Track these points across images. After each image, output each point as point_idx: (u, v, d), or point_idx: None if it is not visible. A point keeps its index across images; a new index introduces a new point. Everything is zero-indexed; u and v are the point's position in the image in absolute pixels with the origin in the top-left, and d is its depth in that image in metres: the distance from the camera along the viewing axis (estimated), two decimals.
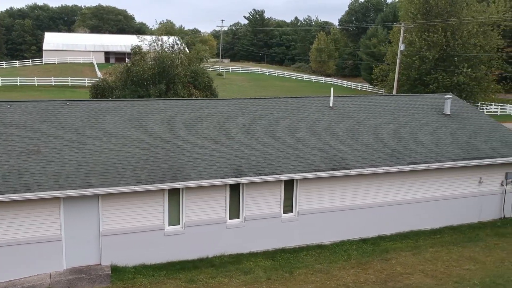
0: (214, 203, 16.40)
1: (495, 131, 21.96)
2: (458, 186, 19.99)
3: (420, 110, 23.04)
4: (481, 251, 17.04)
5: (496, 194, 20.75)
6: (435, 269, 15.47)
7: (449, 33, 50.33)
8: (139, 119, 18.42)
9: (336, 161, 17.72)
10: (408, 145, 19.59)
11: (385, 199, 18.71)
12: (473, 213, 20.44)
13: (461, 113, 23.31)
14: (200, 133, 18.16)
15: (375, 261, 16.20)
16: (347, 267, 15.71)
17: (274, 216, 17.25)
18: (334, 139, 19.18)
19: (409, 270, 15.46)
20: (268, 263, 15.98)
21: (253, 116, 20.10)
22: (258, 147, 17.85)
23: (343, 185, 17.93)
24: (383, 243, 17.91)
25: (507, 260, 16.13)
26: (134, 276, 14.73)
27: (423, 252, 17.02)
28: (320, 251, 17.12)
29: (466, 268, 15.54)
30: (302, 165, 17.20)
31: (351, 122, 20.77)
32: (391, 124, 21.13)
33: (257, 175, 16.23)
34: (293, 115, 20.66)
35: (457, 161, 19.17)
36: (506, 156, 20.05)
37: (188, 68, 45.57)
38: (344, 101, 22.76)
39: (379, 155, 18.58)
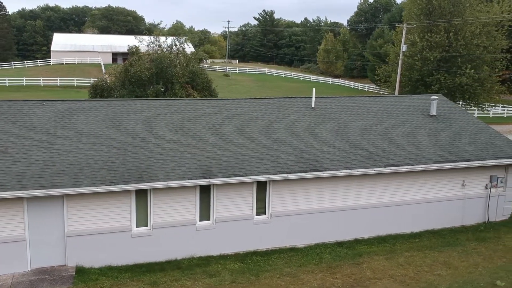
0: (184, 205, 16.21)
1: (481, 133, 21.47)
2: (440, 189, 19.56)
3: (406, 111, 22.62)
4: (457, 256, 16.62)
5: (480, 198, 20.27)
6: (405, 274, 15.10)
7: (451, 34, 49.63)
8: (113, 119, 18.30)
9: (310, 163, 17.42)
10: (388, 147, 19.22)
11: (362, 202, 18.36)
12: (455, 217, 19.99)
13: (448, 115, 22.84)
14: (174, 133, 17.98)
15: (346, 265, 15.87)
16: (316, 271, 15.40)
17: (246, 218, 17.00)
18: (311, 141, 18.87)
19: (379, 275, 15.11)
20: (236, 266, 15.74)
21: (231, 116, 19.88)
22: (232, 148, 17.62)
23: (317, 187, 17.62)
24: (359, 247, 17.57)
25: (481, 266, 15.70)
26: (98, 277, 14.59)
27: (398, 256, 16.64)
28: (292, 254, 16.83)
29: (437, 273, 15.15)
30: (274, 166, 16.93)
31: (331, 123, 20.45)
32: (373, 126, 20.76)
33: (226, 177, 16.01)
34: (272, 116, 20.40)
35: (438, 163, 18.74)
36: (490, 159, 19.57)
37: (186, 69, 45.50)
38: (327, 102, 22.43)
39: (355, 157, 18.23)
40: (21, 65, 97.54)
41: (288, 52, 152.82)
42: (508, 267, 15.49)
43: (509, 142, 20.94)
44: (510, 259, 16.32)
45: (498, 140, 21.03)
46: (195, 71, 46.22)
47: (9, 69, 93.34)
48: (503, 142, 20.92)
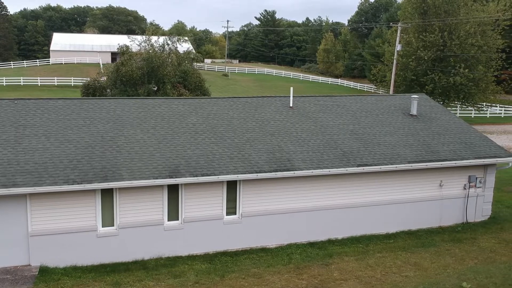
0: (151, 204, 16.05)
1: (461, 133, 21.21)
2: (417, 189, 19.32)
3: (386, 110, 22.38)
4: (429, 257, 16.37)
5: (459, 198, 20.02)
6: (373, 276, 14.87)
7: (446, 33, 49.30)
8: (85, 118, 18.16)
9: (281, 162, 17.22)
10: (363, 147, 18.99)
11: (335, 202, 18.15)
12: (433, 218, 19.74)
13: (429, 114, 22.58)
14: (145, 132, 17.82)
15: (315, 266, 15.66)
16: (283, 272, 15.20)
17: (216, 218, 16.82)
18: (285, 140, 18.67)
19: (346, 276, 14.89)
20: (204, 267, 15.56)
21: (206, 115, 19.71)
22: (203, 147, 17.44)
23: (289, 187, 17.42)
24: (331, 247, 17.35)
25: (451, 267, 15.45)
26: (60, 277, 14.44)
27: (369, 257, 16.41)
28: (262, 255, 16.63)
29: (405, 275, 14.91)
30: (244, 166, 16.74)
31: (308, 123, 20.24)
32: (350, 125, 20.54)
33: (194, 176, 15.83)
34: (249, 115, 20.21)
35: (413, 163, 18.49)
36: (467, 159, 19.31)
37: (177, 68, 45.38)
38: (306, 101, 22.23)
39: (329, 156, 18.02)
40: (20, 65, 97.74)
41: (289, 52, 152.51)
42: (478, 269, 15.24)
43: (488, 142, 20.67)
44: (482, 260, 16.06)
45: (478, 140, 20.76)
46: (187, 71, 46.11)
47: (8, 69, 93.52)
48: (483, 142, 20.65)
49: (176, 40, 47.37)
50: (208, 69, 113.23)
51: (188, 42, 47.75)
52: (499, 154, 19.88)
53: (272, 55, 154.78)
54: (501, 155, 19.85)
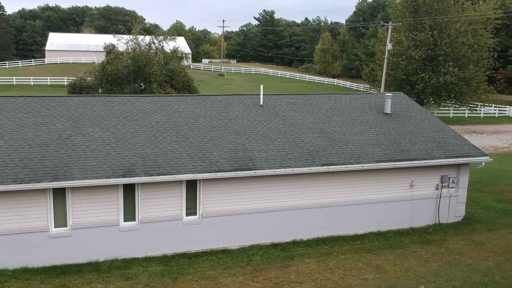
0: (106, 204, 15.61)
1: (435, 132, 20.71)
2: (387, 189, 18.84)
3: (360, 109, 21.90)
4: (393, 259, 15.88)
5: (431, 198, 19.52)
6: (330, 278, 14.40)
7: (436, 32, 48.76)
8: (44, 116, 17.75)
9: (243, 161, 16.76)
10: (331, 146, 18.52)
11: (300, 202, 17.68)
12: (404, 218, 19.25)
13: (404, 113, 22.10)
14: (104, 131, 17.39)
15: (273, 268, 15.19)
16: (239, 274, 14.74)
17: (175, 218, 16.38)
18: (251, 139, 18.22)
19: (303, 278, 14.42)
20: (158, 269, 15.11)
21: (172, 114, 19.27)
22: (163, 146, 17.00)
23: (251, 186, 16.97)
24: (294, 249, 16.89)
25: (413, 270, 14.96)
26: (7, 279, 14.02)
27: (331, 259, 15.94)
28: (222, 256, 16.18)
29: (363, 277, 14.43)
30: (204, 165, 16.29)
31: (277, 121, 19.78)
32: (320, 124, 20.06)
33: (149, 175, 15.39)
34: (216, 113, 19.76)
35: (381, 162, 18.01)
36: (438, 158, 18.81)
37: (164, 67, 44.99)
38: (278, 100, 21.78)
39: (293, 155, 17.55)
40: (15, 65, 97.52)
41: (288, 52, 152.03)
42: (440, 271, 14.74)
43: (462, 142, 20.17)
44: (446, 262, 15.57)
45: (452, 139, 20.27)
46: (173, 70, 45.72)
47: (3, 68, 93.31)
48: (457, 141, 20.15)
49: (163, 39, 47.05)
50: (204, 69, 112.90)
51: (175, 41, 47.20)
52: (472, 154, 19.38)
53: (271, 55, 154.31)
54: (474, 155, 19.36)
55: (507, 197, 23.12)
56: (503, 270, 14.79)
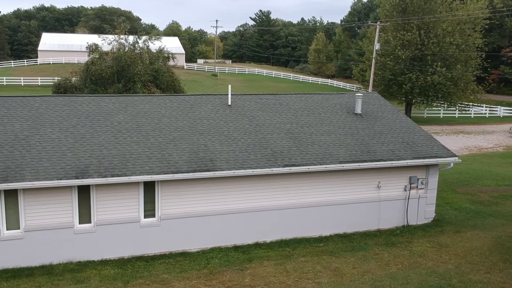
0: (60, 206, 15.31)
1: (406, 132, 20.42)
2: (353, 190, 18.55)
3: (330, 109, 21.61)
4: (353, 262, 15.59)
5: (399, 200, 19.23)
6: (284, 282, 14.11)
7: (422, 32, 48.49)
8: (3, 116, 17.47)
9: (202, 162, 16.47)
10: (296, 146, 18.23)
11: (264, 204, 17.39)
12: (371, 220, 18.96)
13: (376, 113, 21.81)
14: (63, 131, 17.10)
15: (229, 271, 14.89)
16: (193, 278, 14.45)
17: (132, 221, 16.08)
18: (214, 139, 17.93)
19: (256, 282, 14.13)
20: (112, 272, 14.82)
21: (136, 114, 18.98)
22: (122, 146, 16.71)
23: (212, 188, 16.68)
24: (255, 251, 16.60)
25: (371, 273, 14.66)
26: None
27: (290, 262, 15.65)
28: (180, 259, 15.89)
29: (318, 281, 14.14)
30: (162, 166, 16.00)
31: (243, 121, 19.49)
32: (287, 124, 19.78)
33: (103, 177, 15.09)
34: (182, 114, 19.47)
35: (345, 163, 17.72)
36: (405, 159, 18.52)
37: (148, 67, 44.69)
38: (247, 100, 21.49)
39: (256, 156, 17.27)
40: (8, 65, 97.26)
41: (284, 52, 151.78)
42: (398, 275, 14.46)
43: (432, 142, 19.89)
44: (406, 265, 15.28)
45: (422, 140, 19.99)
46: (158, 69, 45.41)
47: None
48: (426, 142, 19.87)
49: (148, 39, 46.76)
50: (198, 69, 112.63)
51: (160, 41, 46.91)
52: (440, 154, 19.10)
53: (267, 55, 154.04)
54: (442, 155, 19.08)
55: (481, 198, 22.84)
56: (462, 273, 14.51)
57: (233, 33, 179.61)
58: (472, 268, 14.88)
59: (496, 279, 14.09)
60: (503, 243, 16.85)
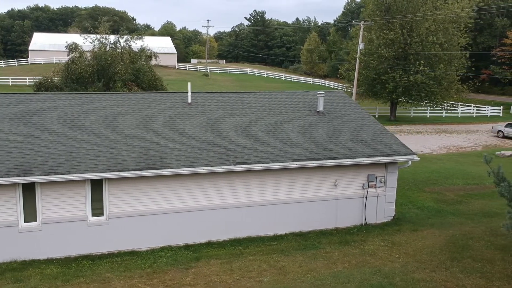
0: (4, 205, 15.13)
1: (366, 131, 20.27)
2: (310, 189, 18.39)
3: (293, 107, 21.45)
4: (301, 261, 15.41)
5: (357, 198, 19.07)
6: (224, 281, 13.93)
7: (405, 31, 48.34)
8: None
9: (152, 160, 16.30)
10: (251, 144, 18.06)
11: (216, 202, 17.22)
12: (328, 219, 18.80)
13: (339, 111, 21.65)
14: (13, 129, 16.93)
15: (173, 271, 14.72)
16: (135, 277, 14.27)
17: (79, 219, 15.90)
18: (167, 137, 17.76)
19: (197, 281, 13.96)
20: (55, 271, 14.64)
21: (91, 111, 18.81)
22: (71, 144, 16.54)
23: (161, 186, 16.50)
24: (206, 250, 16.43)
25: (315, 272, 14.49)
26: None
27: (238, 260, 15.47)
28: (127, 258, 15.72)
29: (260, 279, 13.96)
30: (108, 164, 15.82)
31: (201, 119, 19.32)
32: (246, 122, 19.62)
33: (46, 174, 14.92)
34: (139, 111, 19.31)
35: (299, 161, 17.56)
36: (361, 157, 18.36)
37: (129, 66, 44.52)
38: (208, 98, 21.33)
39: (208, 154, 17.09)
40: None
41: (279, 52, 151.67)
42: (341, 274, 14.28)
43: (391, 140, 19.73)
44: (354, 264, 15.11)
45: (381, 138, 19.83)
46: (139, 68, 45.23)
47: None
48: (386, 140, 19.72)
49: (130, 38, 46.60)
50: (190, 68, 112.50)
51: (142, 40, 46.76)
52: (398, 152, 18.95)
53: (261, 55, 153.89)
54: (400, 154, 18.92)
55: (446, 197, 22.69)
56: (406, 271, 14.34)
57: (228, 33, 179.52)
58: (418, 266, 14.71)
59: (440, 278, 13.93)
60: (455, 241, 16.69)
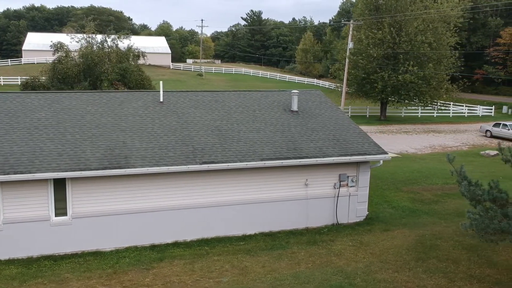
0: None
1: (339, 130, 20.09)
2: (280, 188, 18.21)
3: (267, 106, 21.28)
4: (265, 261, 15.23)
5: (328, 198, 18.89)
6: (183, 281, 13.75)
7: (393, 30, 48.17)
8: None
9: (116, 160, 16.11)
10: (220, 143, 17.88)
11: (183, 202, 17.04)
12: (299, 219, 18.62)
13: (313, 110, 21.48)
14: None
15: (134, 271, 14.54)
16: (94, 277, 14.09)
17: (42, 219, 15.71)
18: (135, 136, 17.58)
19: (156, 282, 13.77)
20: (14, 272, 14.47)
21: (59, 110, 18.63)
22: (35, 143, 16.35)
23: (127, 185, 16.32)
24: (171, 250, 16.25)
25: (276, 272, 14.31)
26: None
27: (202, 261, 15.29)
28: (90, 259, 15.53)
29: (218, 280, 13.79)
30: (71, 163, 15.63)
31: (172, 118, 19.15)
32: (218, 121, 19.43)
33: (5, 174, 14.72)
34: (109, 110, 19.12)
35: (267, 161, 17.38)
36: (331, 156, 18.18)
37: (116, 65, 44.33)
38: (181, 96, 21.16)
39: (175, 153, 16.91)
40: None
41: (275, 52, 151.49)
42: (302, 274, 14.10)
43: (364, 140, 19.55)
44: (318, 264, 14.93)
45: (354, 138, 19.65)
46: (126, 68, 45.04)
47: None
48: (359, 139, 19.54)
49: (117, 38, 46.44)
50: (184, 68, 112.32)
51: (129, 39, 46.60)
52: (369, 152, 18.77)
53: (258, 55, 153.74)
54: (371, 153, 18.74)
55: (423, 197, 22.52)
56: (369, 272, 14.17)
57: (225, 33, 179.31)
58: (382, 267, 14.54)
59: (402, 278, 13.75)
60: (424, 241, 16.51)
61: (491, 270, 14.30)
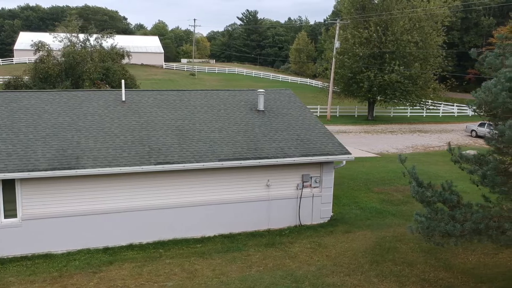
0: None
1: (304, 129, 19.72)
2: (240, 189, 17.86)
3: (233, 106, 20.91)
4: (217, 264, 14.87)
5: (291, 199, 18.52)
6: (126, 286, 13.39)
7: (379, 29, 47.80)
8: None
9: (67, 160, 15.74)
10: (178, 143, 17.51)
11: (138, 203, 16.67)
12: (260, 220, 18.25)
13: (280, 110, 21.11)
14: None
15: (80, 275, 14.16)
16: (38, 281, 13.73)
17: None
18: (90, 136, 17.21)
19: (101, 286, 13.40)
20: None
21: (16, 110, 18.27)
22: None
23: (79, 187, 15.94)
24: (124, 253, 15.88)
25: (224, 276, 13.94)
26: None
27: (153, 264, 14.93)
28: (39, 262, 15.16)
29: (163, 284, 13.43)
30: (20, 164, 15.27)
31: (132, 118, 18.78)
32: (179, 121, 19.07)
33: None
34: (67, 110, 18.75)
35: (225, 161, 17.01)
36: (292, 156, 17.81)
37: (98, 65, 43.96)
38: (145, 96, 20.79)
39: (129, 154, 16.54)
40: None
41: (271, 52, 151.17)
42: (250, 277, 13.74)
43: (328, 140, 19.19)
44: (271, 267, 14.57)
45: (318, 138, 19.29)
46: (109, 67, 44.67)
47: None
48: (323, 140, 19.17)
49: (100, 37, 46.12)
50: (177, 68, 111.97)
51: (113, 38, 46.24)
52: (332, 152, 18.40)
53: (253, 55, 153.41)
54: (334, 153, 18.38)
55: (393, 198, 22.15)
56: (319, 275, 13.81)
57: (222, 33, 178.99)
58: (334, 270, 14.18)
59: (352, 282, 13.40)
60: (383, 243, 16.16)
61: (445, 274, 13.95)
